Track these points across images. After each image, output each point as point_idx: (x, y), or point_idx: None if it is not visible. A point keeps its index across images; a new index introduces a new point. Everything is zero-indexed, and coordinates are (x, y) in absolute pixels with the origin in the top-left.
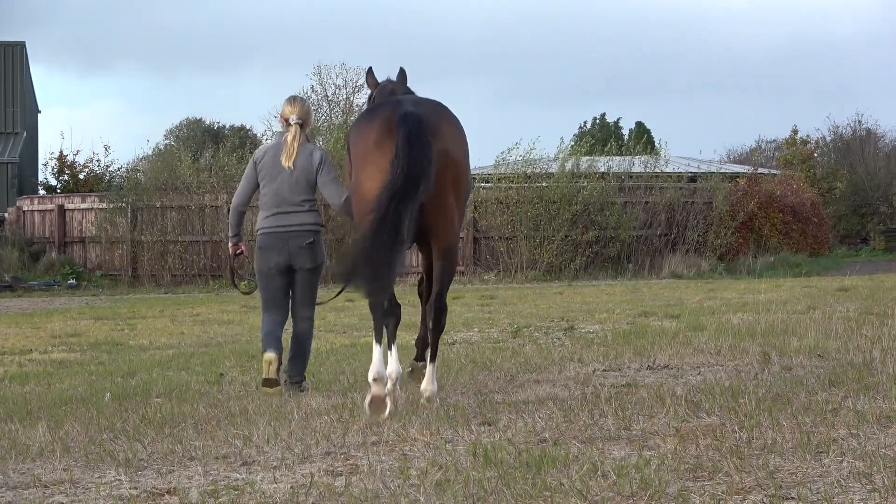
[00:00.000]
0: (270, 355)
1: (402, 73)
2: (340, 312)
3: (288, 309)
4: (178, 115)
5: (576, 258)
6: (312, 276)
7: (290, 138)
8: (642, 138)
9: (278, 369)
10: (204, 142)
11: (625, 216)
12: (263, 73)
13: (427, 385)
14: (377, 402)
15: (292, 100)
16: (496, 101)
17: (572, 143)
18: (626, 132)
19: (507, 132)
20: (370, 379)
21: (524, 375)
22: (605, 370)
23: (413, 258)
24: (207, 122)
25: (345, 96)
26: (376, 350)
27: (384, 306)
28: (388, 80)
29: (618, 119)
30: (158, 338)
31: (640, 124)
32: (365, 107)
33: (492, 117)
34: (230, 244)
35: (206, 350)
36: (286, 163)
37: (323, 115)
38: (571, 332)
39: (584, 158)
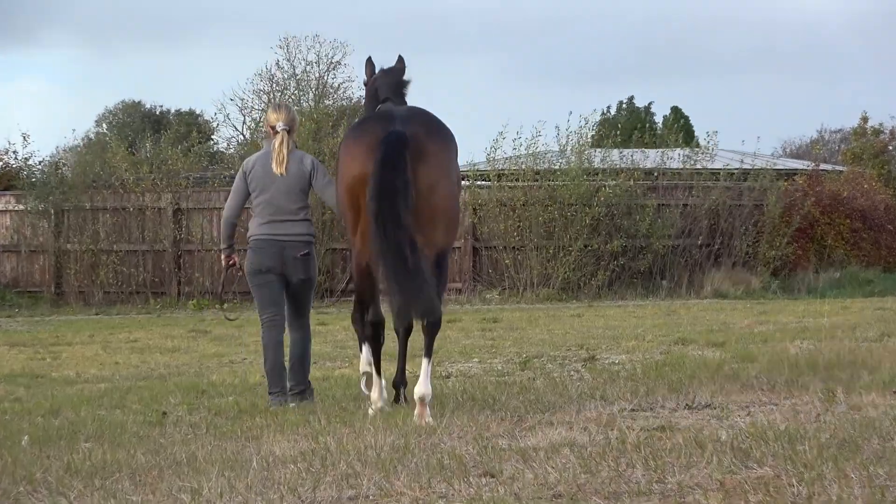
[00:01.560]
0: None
1: (400, 62)
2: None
3: (285, 308)
4: (113, 96)
5: (597, 273)
6: (306, 287)
7: (278, 144)
8: (679, 127)
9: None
10: (143, 129)
11: (658, 222)
12: (217, 46)
13: (421, 387)
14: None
15: (277, 107)
16: (500, 82)
17: (591, 129)
18: (658, 119)
19: (513, 119)
20: (361, 371)
21: (534, 416)
22: (633, 410)
23: None
24: (148, 106)
25: (317, 74)
26: (376, 381)
27: (374, 328)
28: (381, 72)
29: (649, 104)
30: (87, 368)
31: (676, 110)
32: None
33: (494, 102)
34: (222, 256)
35: (146, 384)
36: (278, 170)
37: (289, 96)
38: (592, 363)
39: (600, 151)
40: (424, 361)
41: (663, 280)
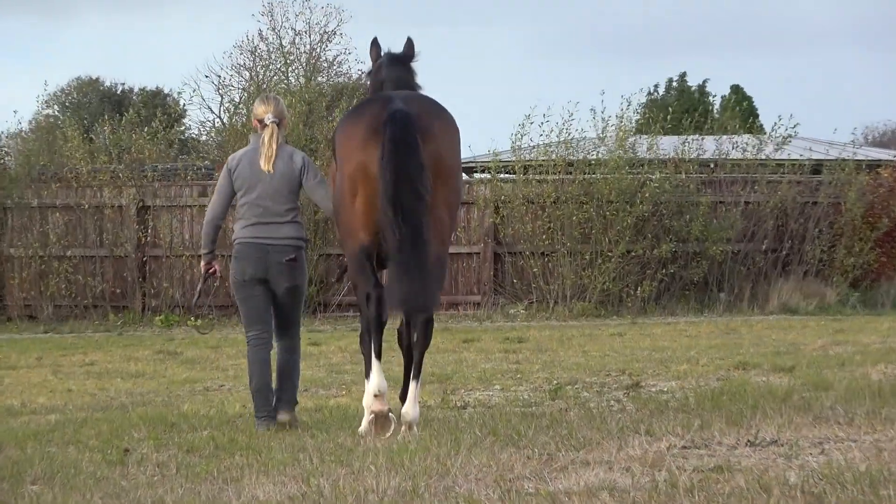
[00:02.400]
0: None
1: (408, 44)
2: (302, 361)
3: (272, 325)
4: (66, 72)
5: (642, 283)
6: (293, 296)
7: (267, 138)
8: (740, 110)
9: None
10: (102, 112)
11: (714, 222)
12: (190, 12)
13: (408, 408)
14: (381, 420)
15: (265, 98)
16: (525, 58)
17: (635, 112)
18: (716, 101)
19: (542, 102)
20: (371, 395)
21: (567, 454)
22: (684, 447)
23: None
24: (107, 84)
25: (307, 47)
26: (375, 365)
27: (377, 319)
28: (387, 60)
29: (704, 82)
30: (35, 397)
31: (736, 90)
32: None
33: (519, 82)
34: (202, 262)
35: (105, 415)
36: (266, 166)
37: (274, 71)
38: (636, 391)
39: (645, 138)
40: (412, 384)
41: (721, 292)
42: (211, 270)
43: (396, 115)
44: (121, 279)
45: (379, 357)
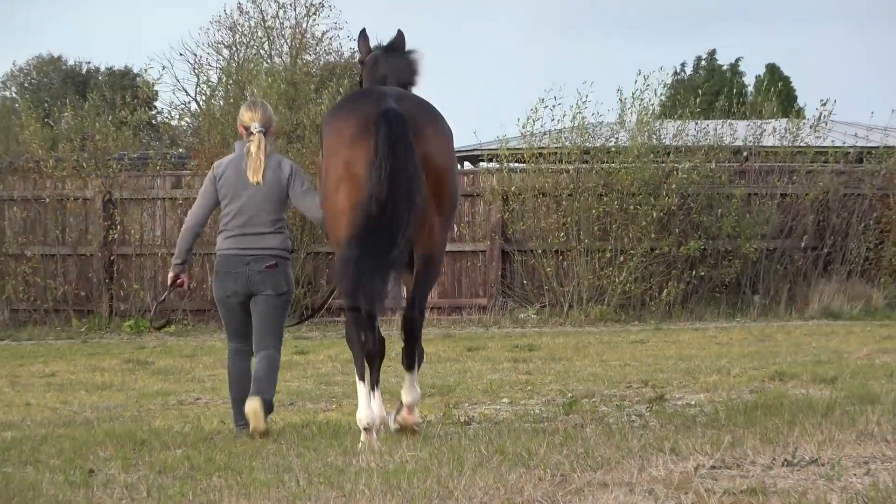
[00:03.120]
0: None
1: (399, 36)
2: (288, 371)
3: (251, 337)
4: (24, 50)
5: (668, 285)
6: (273, 306)
7: (253, 149)
8: (776, 91)
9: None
10: (64, 94)
11: (748, 217)
12: None
13: (407, 395)
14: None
15: (252, 105)
16: (536, 34)
17: (659, 94)
18: (749, 81)
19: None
20: (361, 427)
21: (583, 475)
22: (714, 467)
23: None
24: (71, 63)
25: (292, 21)
26: (362, 390)
27: (367, 343)
28: (378, 50)
29: (736, 60)
30: None
31: (772, 69)
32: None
33: (529, 60)
34: (171, 273)
35: (67, 432)
36: (254, 178)
37: (256, 49)
38: (660, 404)
39: (671, 122)
40: (407, 375)
41: (755, 294)
42: (179, 282)
43: (390, 113)
44: (85, 280)
45: (364, 379)
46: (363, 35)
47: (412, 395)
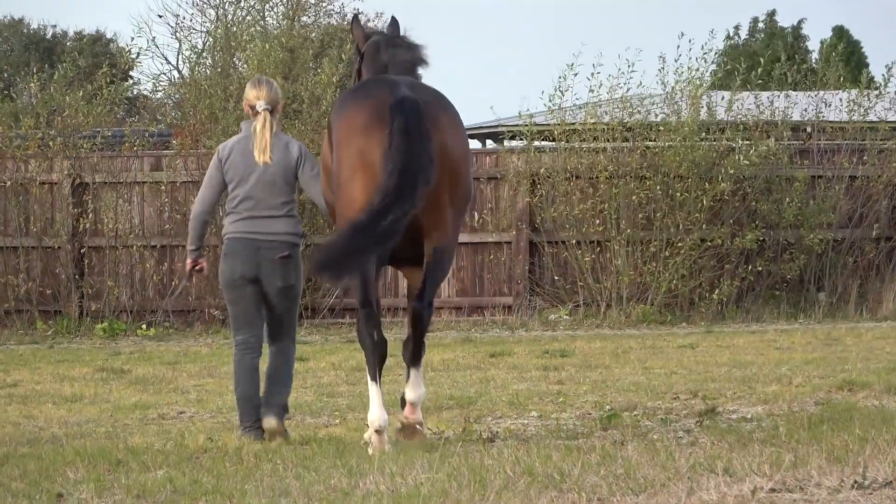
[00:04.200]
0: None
1: (393, 23)
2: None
3: (262, 329)
4: None
5: (721, 281)
6: (287, 297)
7: (259, 127)
8: (845, 58)
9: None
10: (27, 62)
11: (812, 203)
12: None
13: (412, 391)
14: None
15: (257, 82)
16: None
17: (711, 62)
18: (813, 46)
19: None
20: (373, 430)
21: (624, 499)
22: (773, 490)
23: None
24: (34, 27)
25: None
26: (374, 391)
27: (372, 338)
28: (378, 35)
29: (799, 22)
30: None
31: (840, 32)
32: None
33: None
34: (188, 260)
35: (32, 450)
36: (261, 158)
37: (247, 10)
38: (712, 419)
39: (724, 94)
40: (413, 371)
41: (820, 292)
42: (197, 267)
43: (405, 102)
44: (52, 276)
45: (376, 380)
46: (356, 21)
47: (417, 391)
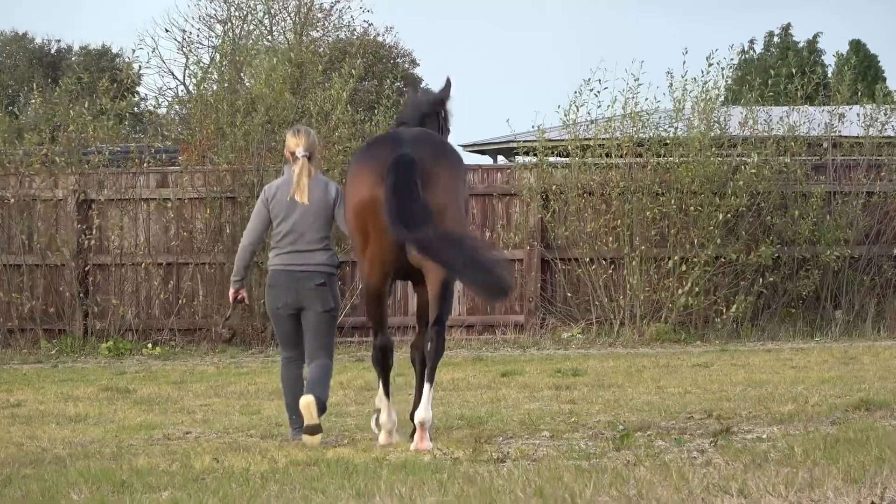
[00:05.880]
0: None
1: (447, 84)
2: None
3: (304, 346)
4: None
5: (736, 298)
6: (324, 321)
7: (297, 172)
8: (861, 72)
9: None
10: (31, 77)
11: (829, 219)
12: None
13: (422, 412)
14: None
15: (297, 131)
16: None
17: (725, 76)
18: (829, 61)
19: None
20: (385, 432)
21: None
22: None
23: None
24: (39, 41)
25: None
26: (384, 403)
27: (381, 352)
28: (416, 96)
29: (814, 36)
30: None
31: (857, 46)
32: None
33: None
34: (231, 290)
35: (35, 472)
36: (301, 198)
37: (254, 24)
38: (727, 439)
39: (738, 109)
40: (426, 387)
41: (837, 310)
42: (239, 298)
43: (400, 159)
44: (56, 295)
45: (388, 396)
46: (412, 83)
47: (425, 412)
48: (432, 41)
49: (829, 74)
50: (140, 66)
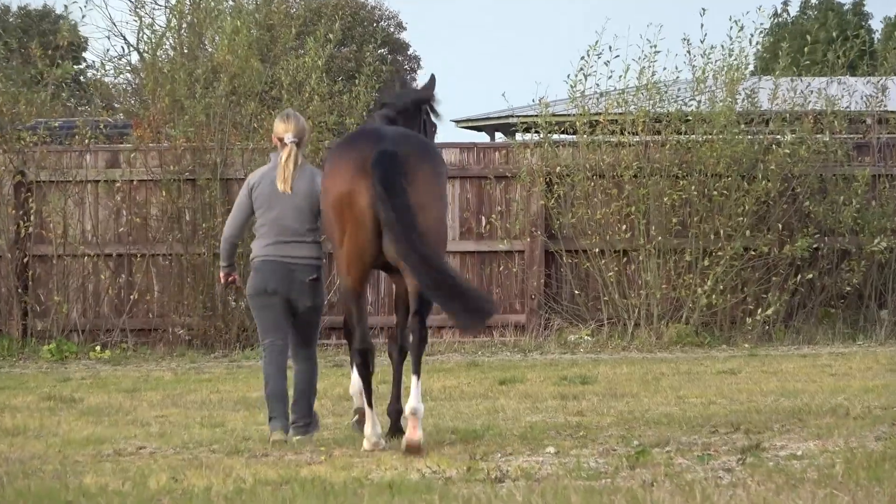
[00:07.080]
0: (278, 437)
1: (431, 80)
2: (261, 412)
3: (288, 334)
4: None
5: (767, 296)
6: (313, 314)
7: (284, 159)
8: None
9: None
10: None
11: (874, 206)
12: None
13: (413, 402)
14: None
15: (285, 116)
16: None
17: (754, 43)
18: (876, 25)
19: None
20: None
21: None
22: None
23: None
24: None
25: None
26: (368, 413)
27: (361, 356)
28: (400, 93)
29: (855, 2)
30: None
31: None
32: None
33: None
34: (221, 273)
35: None
36: (283, 187)
37: None
38: (757, 455)
39: (768, 80)
40: (413, 379)
41: (883, 309)
42: (230, 279)
43: (383, 156)
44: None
45: (371, 406)
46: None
47: (417, 404)
48: (420, 1)
49: (876, 42)
50: (76, 23)
